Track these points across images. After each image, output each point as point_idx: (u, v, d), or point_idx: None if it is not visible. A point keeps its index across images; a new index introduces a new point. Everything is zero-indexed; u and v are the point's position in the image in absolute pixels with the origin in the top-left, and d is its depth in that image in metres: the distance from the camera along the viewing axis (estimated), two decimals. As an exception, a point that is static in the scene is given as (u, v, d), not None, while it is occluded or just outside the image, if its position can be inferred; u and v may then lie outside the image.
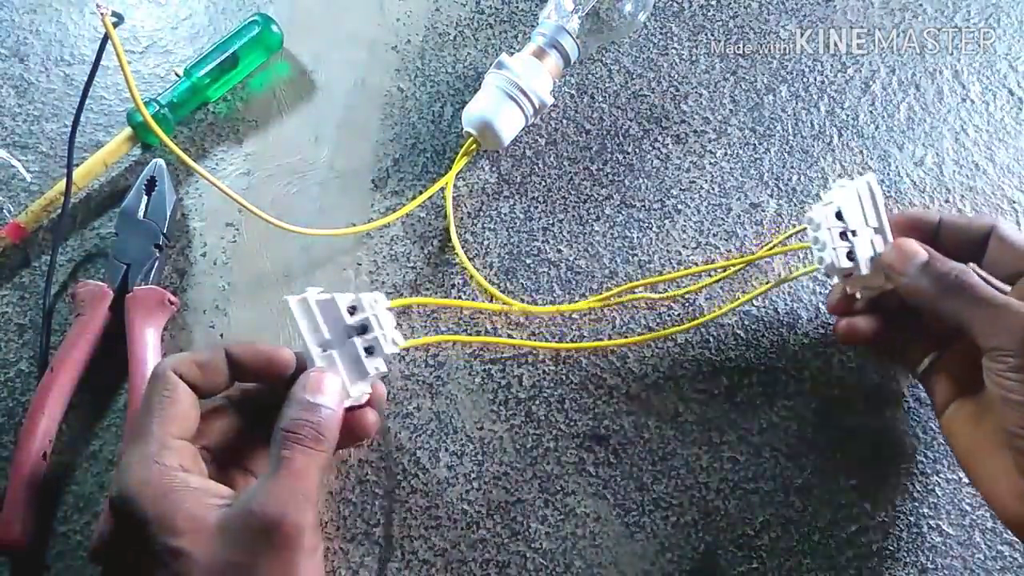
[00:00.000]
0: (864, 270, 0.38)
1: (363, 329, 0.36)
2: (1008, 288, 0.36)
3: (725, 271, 0.44)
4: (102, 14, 0.41)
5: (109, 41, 0.42)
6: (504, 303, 0.44)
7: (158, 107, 0.45)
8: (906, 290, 0.37)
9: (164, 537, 0.30)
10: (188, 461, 0.32)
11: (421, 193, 0.45)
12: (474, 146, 0.45)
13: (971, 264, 0.37)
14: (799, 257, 0.45)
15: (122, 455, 0.33)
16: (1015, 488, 0.33)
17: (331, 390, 0.34)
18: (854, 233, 0.38)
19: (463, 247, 0.45)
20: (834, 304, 0.41)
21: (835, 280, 0.40)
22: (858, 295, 0.40)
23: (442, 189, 0.45)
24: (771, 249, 0.44)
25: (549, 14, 0.47)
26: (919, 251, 0.36)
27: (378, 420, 0.38)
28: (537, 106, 0.45)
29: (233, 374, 0.35)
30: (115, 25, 0.42)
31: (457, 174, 0.46)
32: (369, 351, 0.36)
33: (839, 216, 0.38)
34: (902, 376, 0.43)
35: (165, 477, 0.31)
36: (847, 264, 0.38)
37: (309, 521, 0.31)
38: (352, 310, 0.36)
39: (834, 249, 0.38)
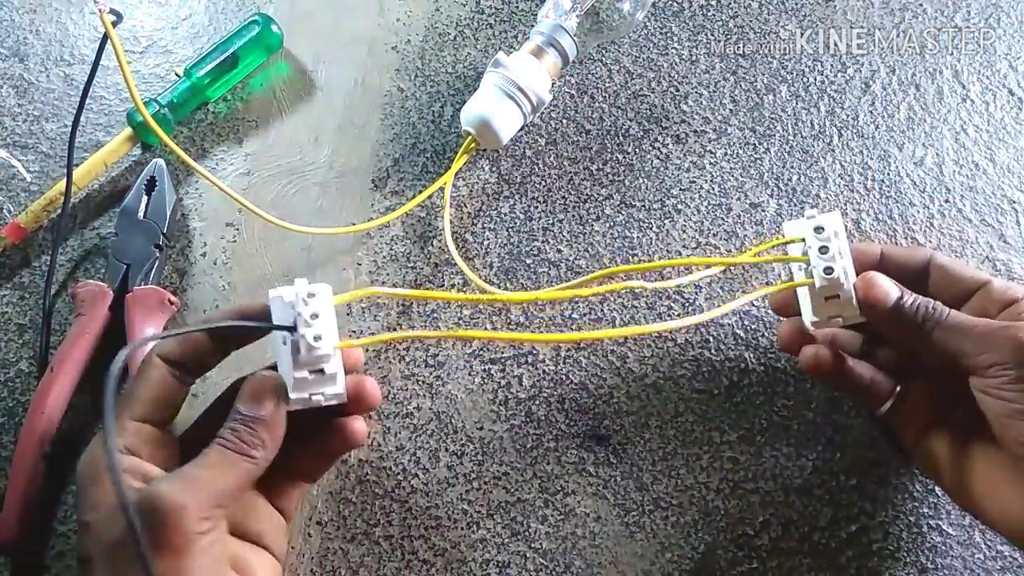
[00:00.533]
0: (852, 295, 0.37)
1: (294, 328, 0.33)
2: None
3: (686, 267, 0.43)
4: (100, 11, 0.41)
5: (108, 40, 0.42)
6: (481, 289, 0.42)
7: (158, 107, 0.45)
8: (885, 324, 0.37)
9: (81, 512, 0.31)
10: (138, 443, 0.32)
11: (421, 193, 0.45)
12: (473, 145, 0.45)
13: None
14: (776, 268, 0.44)
15: None
16: (1022, 500, 0.33)
17: (263, 399, 0.33)
18: (841, 255, 0.37)
19: (463, 247, 0.45)
20: (787, 340, 0.40)
21: (806, 302, 0.38)
22: (812, 330, 0.39)
23: (441, 189, 0.45)
24: (755, 255, 0.42)
25: (547, 12, 0.47)
26: (892, 286, 0.36)
27: (363, 429, 0.37)
28: (535, 104, 0.45)
29: (217, 345, 0.34)
30: (114, 24, 0.42)
31: (457, 174, 0.46)
32: (297, 351, 0.33)
33: (835, 235, 0.37)
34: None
35: (102, 457, 0.31)
36: (846, 283, 0.37)
37: (195, 503, 0.30)
38: (292, 306, 0.33)
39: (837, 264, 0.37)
